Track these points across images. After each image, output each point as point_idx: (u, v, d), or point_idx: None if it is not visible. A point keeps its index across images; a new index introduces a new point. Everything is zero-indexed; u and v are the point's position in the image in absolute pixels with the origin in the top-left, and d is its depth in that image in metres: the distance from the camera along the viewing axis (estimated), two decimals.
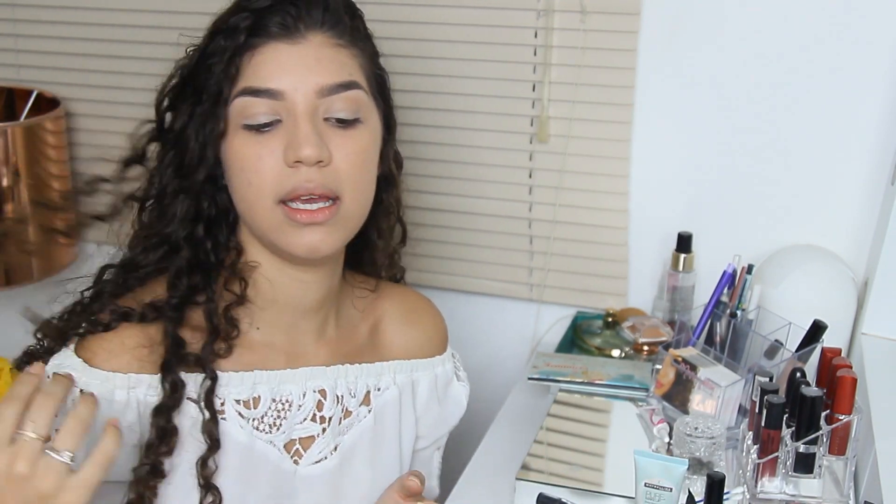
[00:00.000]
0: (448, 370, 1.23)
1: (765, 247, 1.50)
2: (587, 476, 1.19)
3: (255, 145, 0.97)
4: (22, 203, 1.64)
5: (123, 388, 0.97)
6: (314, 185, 0.97)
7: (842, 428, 1.10)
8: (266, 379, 1.05)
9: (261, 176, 0.97)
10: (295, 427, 1.07)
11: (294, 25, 0.97)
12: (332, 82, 0.98)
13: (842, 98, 1.42)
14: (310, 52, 0.98)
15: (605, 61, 1.50)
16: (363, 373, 1.13)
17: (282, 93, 0.97)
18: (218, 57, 0.98)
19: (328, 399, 1.09)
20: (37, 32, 1.79)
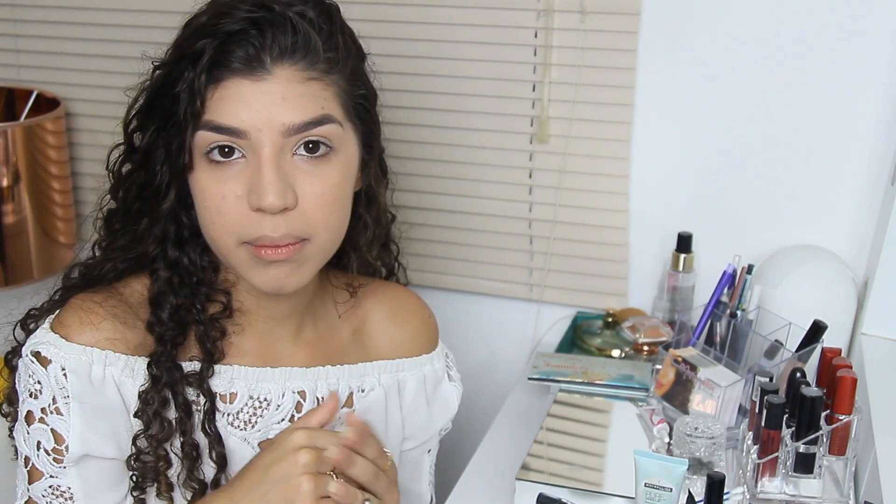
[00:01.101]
0: (438, 369, 1.18)
1: (765, 247, 1.50)
2: (587, 476, 1.19)
3: (217, 183, 0.93)
4: (22, 203, 1.64)
5: (100, 364, 0.96)
6: (279, 234, 0.93)
7: (842, 428, 1.10)
8: (244, 375, 1.04)
9: (224, 217, 0.93)
10: (272, 426, 1.05)
11: (258, 58, 0.91)
12: (300, 121, 0.92)
13: (842, 98, 1.42)
14: (275, 90, 0.91)
15: (605, 61, 1.50)
16: (345, 374, 1.09)
17: (245, 132, 0.91)
18: (182, 84, 0.92)
19: (307, 401, 1.06)
20: (37, 32, 1.79)
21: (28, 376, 0.96)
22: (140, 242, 1.01)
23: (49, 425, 0.95)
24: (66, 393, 0.95)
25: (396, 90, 1.59)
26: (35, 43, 1.80)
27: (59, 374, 0.95)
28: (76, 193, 1.81)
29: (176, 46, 0.96)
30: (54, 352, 0.95)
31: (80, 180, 1.82)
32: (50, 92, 1.77)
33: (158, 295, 1.00)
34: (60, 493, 0.97)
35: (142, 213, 1.00)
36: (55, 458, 0.96)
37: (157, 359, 0.98)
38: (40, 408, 0.96)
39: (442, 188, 1.64)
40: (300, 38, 0.93)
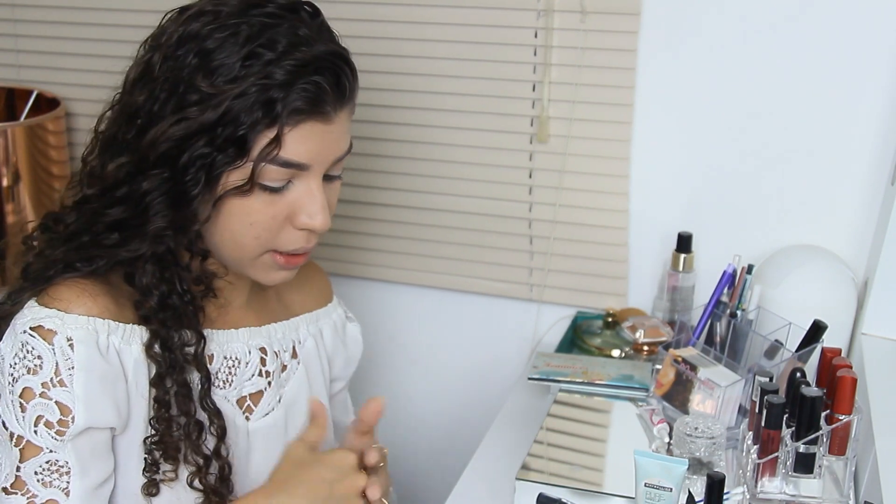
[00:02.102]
0: (340, 314, 1.31)
1: (765, 247, 1.50)
2: (587, 476, 1.19)
3: (269, 205, 1.01)
4: (22, 203, 1.64)
5: (104, 333, 1.00)
6: (312, 245, 1.06)
7: (842, 428, 1.10)
8: (216, 338, 1.11)
9: (269, 234, 1.03)
10: (244, 383, 1.13)
11: (331, 103, 1.00)
12: (343, 153, 1.05)
13: (842, 98, 1.42)
14: (337, 129, 1.03)
15: (605, 61, 1.50)
16: (287, 329, 1.21)
17: (309, 166, 1.01)
18: (250, 123, 0.96)
19: (268, 355, 1.16)
20: (37, 32, 1.79)
21: (25, 353, 0.97)
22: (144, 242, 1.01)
23: (52, 399, 0.96)
24: (72, 364, 0.96)
25: (395, 90, 1.59)
26: (35, 43, 1.80)
27: (64, 345, 0.96)
28: None
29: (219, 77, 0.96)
30: (58, 323, 0.97)
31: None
32: (50, 92, 1.77)
33: (147, 287, 1.02)
34: (58, 467, 0.97)
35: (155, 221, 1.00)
36: (58, 432, 0.96)
37: (164, 344, 1.02)
38: (41, 382, 0.96)
39: (442, 188, 1.64)
40: (355, 79, 1.04)
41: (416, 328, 1.77)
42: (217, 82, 0.97)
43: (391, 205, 1.68)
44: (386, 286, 1.75)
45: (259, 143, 0.98)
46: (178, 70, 0.98)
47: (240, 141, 0.97)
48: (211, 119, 0.97)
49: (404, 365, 1.80)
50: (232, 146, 0.97)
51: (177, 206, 1.00)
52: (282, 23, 0.99)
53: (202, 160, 0.98)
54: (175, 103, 0.98)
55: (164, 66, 0.99)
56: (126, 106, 1.03)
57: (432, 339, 1.77)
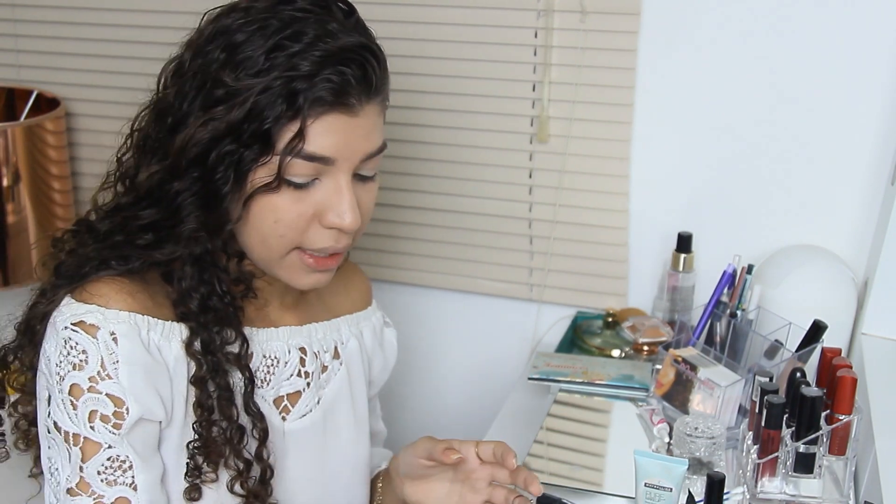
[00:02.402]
0: (379, 318, 1.29)
1: (765, 247, 1.50)
2: (587, 476, 1.19)
3: (295, 202, 0.99)
4: (22, 203, 1.64)
5: (144, 329, 0.98)
6: (342, 245, 1.03)
7: (842, 428, 1.10)
8: (255, 336, 1.09)
9: (295, 231, 1.00)
10: (283, 383, 1.11)
11: (356, 95, 0.97)
12: (375, 150, 1.02)
13: (842, 98, 1.42)
14: (365, 124, 1.00)
15: (605, 61, 1.50)
16: (329, 329, 1.18)
17: (334, 160, 0.98)
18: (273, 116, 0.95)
19: (308, 355, 1.14)
20: (37, 32, 1.79)
21: (69, 349, 0.95)
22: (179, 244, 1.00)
23: (102, 392, 0.95)
24: (116, 358, 0.95)
25: (396, 90, 1.59)
26: (35, 43, 1.80)
27: (108, 339, 0.95)
28: (76, 193, 1.81)
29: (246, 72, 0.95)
30: (100, 318, 0.96)
31: (80, 180, 1.82)
32: (50, 92, 1.77)
33: (187, 289, 1.01)
34: (120, 462, 0.96)
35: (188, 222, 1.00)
36: (115, 425, 0.95)
37: (206, 346, 1.01)
38: (88, 377, 0.95)
39: (442, 188, 1.64)
40: (384, 72, 1.01)
41: (416, 328, 1.77)
42: (241, 76, 0.95)
43: (391, 205, 1.68)
44: (386, 286, 1.75)
45: (284, 136, 0.96)
46: (207, 66, 0.98)
47: (265, 136, 0.96)
48: (238, 117, 0.96)
49: (404, 365, 1.80)
50: (257, 142, 0.96)
51: (208, 207, 0.99)
52: (310, 17, 0.97)
53: (230, 157, 0.97)
54: (202, 100, 0.97)
55: (194, 63, 0.99)
56: (158, 104, 1.03)
57: (432, 339, 1.77)
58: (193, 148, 0.97)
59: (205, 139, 0.97)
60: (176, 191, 1.00)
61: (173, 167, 0.99)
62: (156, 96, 1.03)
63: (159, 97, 1.03)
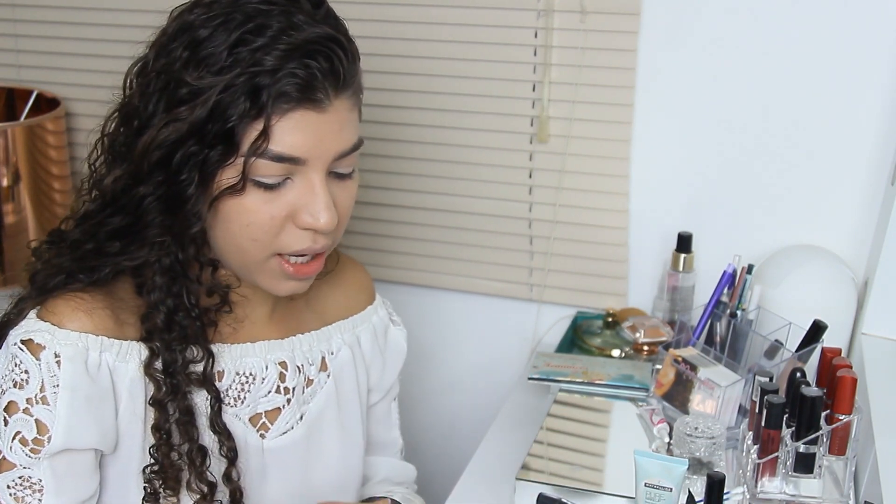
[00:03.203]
0: (382, 317, 1.24)
1: (765, 247, 1.50)
2: (587, 476, 1.19)
3: (266, 203, 0.95)
4: (22, 203, 1.64)
5: (96, 350, 0.96)
6: (320, 246, 0.99)
7: (842, 428, 1.10)
8: (227, 351, 1.06)
9: (268, 235, 0.96)
10: (259, 400, 1.08)
11: (323, 89, 0.93)
12: (348, 147, 0.98)
13: (842, 98, 1.42)
14: (335, 119, 0.95)
15: (605, 61, 1.50)
16: (315, 340, 1.14)
17: (304, 160, 0.95)
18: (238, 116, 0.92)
19: (289, 370, 1.10)
20: (37, 32, 1.79)
21: (14, 366, 0.95)
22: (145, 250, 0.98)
23: (33, 416, 0.94)
24: (57, 382, 0.94)
25: (395, 90, 1.59)
26: (35, 43, 1.80)
27: (51, 361, 0.94)
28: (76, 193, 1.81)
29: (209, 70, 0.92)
30: (48, 338, 0.94)
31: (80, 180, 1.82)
32: (50, 92, 1.77)
33: (153, 303, 0.99)
34: (30, 484, 0.96)
35: (153, 227, 0.98)
36: (32, 450, 0.95)
37: (166, 367, 0.98)
38: (25, 398, 0.94)
39: (442, 188, 1.64)
40: (352, 65, 0.97)
41: (415, 328, 1.77)
42: (204, 74, 0.92)
43: (391, 205, 1.68)
44: (386, 286, 1.75)
45: (248, 136, 0.92)
46: (170, 65, 0.95)
47: (229, 135, 0.92)
48: (200, 117, 0.92)
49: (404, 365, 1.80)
50: (222, 142, 0.92)
51: (173, 211, 0.96)
52: (275, 9, 0.93)
53: (194, 159, 0.93)
54: (166, 101, 0.94)
55: (157, 63, 0.96)
56: (124, 107, 1.00)
57: (432, 339, 1.77)
58: (156, 150, 0.94)
59: (168, 141, 0.94)
60: (141, 195, 0.97)
61: (137, 171, 0.96)
62: (123, 99, 1.01)
63: (125, 100, 1.00)
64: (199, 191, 0.94)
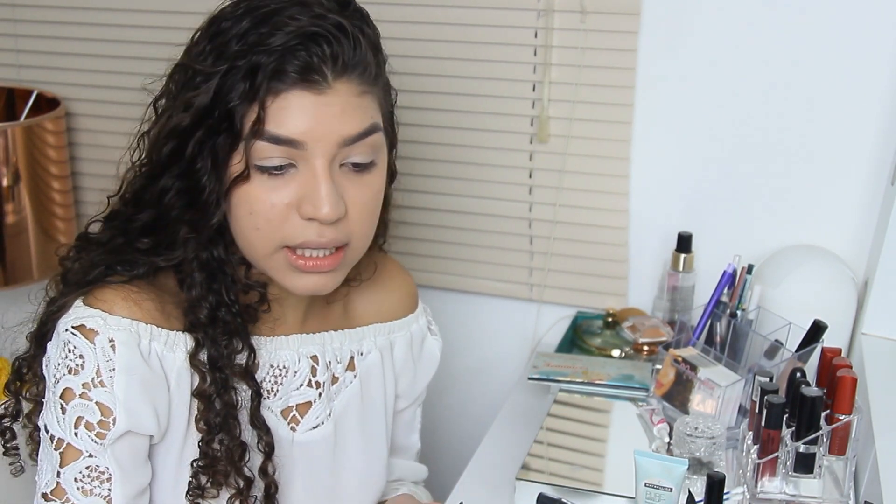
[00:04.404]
0: (422, 326, 1.23)
1: (765, 247, 1.50)
2: (587, 476, 1.19)
3: (268, 191, 0.94)
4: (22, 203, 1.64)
5: (146, 338, 0.97)
6: (326, 239, 0.96)
7: (842, 428, 1.10)
8: (263, 344, 1.06)
9: (271, 224, 0.95)
10: (292, 393, 1.08)
11: (321, 71, 0.92)
12: (355, 132, 0.95)
13: (842, 98, 1.42)
14: (336, 103, 0.93)
15: (605, 61, 1.50)
16: (346, 338, 1.14)
17: (303, 143, 0.93)
18: (239, 97, 0.92)
19: (320, 364, 1.10)
20: (37, 32, 1.79)
21: (67, 352, 0.94)
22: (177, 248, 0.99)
23: (93, 399, 0.94)
24: (112, 366, 0.94)
25: (395, 90, 1.59)
26: (35, 43, 1.80)
27: (106, 346, 0.94)
28: (76, 193, 1.81)
29: (219, 56, 0.93)
30: (101, 323, 0.94)
31: (80, 180, 1.82)
32: (50, 92, 1.77)
33: (196, 298, 0.99)
34: (98, 473, 0.95)
35: (179, 221, 0.98)
36: (98, 434, 0.94)
37: (212, 361, 0.99)
38: (82, 383, 0.94)
39: (442, 188, 1.64)
40: (359, 52, 0.95)
41: None
42: (213, 61, 0.93)
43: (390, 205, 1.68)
44: None
45: (248, 118, 0.92)
46: (192, 58, 0.96)
47: (230, 119, 0.92)
48: (204, 102, 0.92)
49: None
50: (226, 127, 0.92)
51: (193, 203, 0.96)
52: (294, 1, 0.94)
53: (205, 147, 0.94)
54: (183, 92, 0.95)
55: (184, 57, 0.98)
56: (156, 104, 1.01)
57: None
58: (168, 141, 0.95)
59: (178, 129, 0.94)
60: (161, 189, 0.97)
61: (155, 164, 0.97)
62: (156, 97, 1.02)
63: (157, 97, 1.01)
64: (214, 180, 0.95)
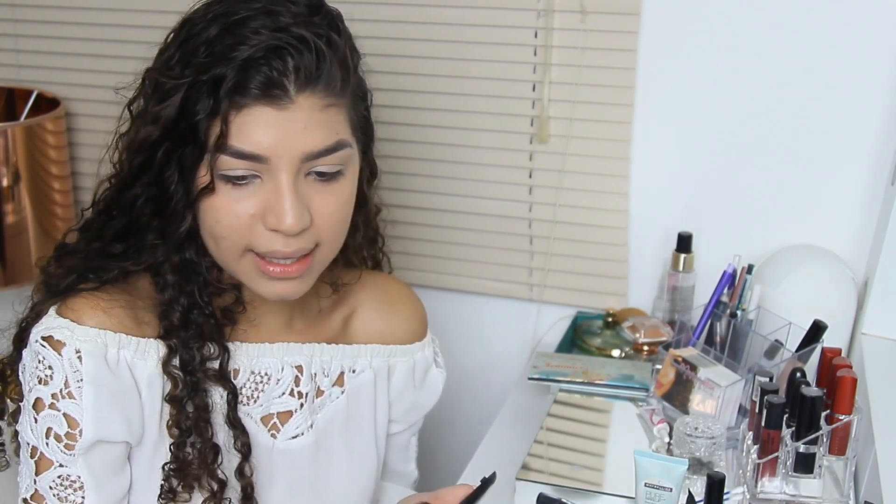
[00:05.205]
0: (427, 356, 1.22)
1: (765, 247, 1.50)
2: (587, 476, 1.19)
3: (232, 201, 0.94)
4: (22, 203, 1.64)
5: (114, 347, 0.97)
6: (292, 249, 0.95)
7: (842, 428, 1.10)
8: (244, 350, 1.06)
9: (236, 233, 0.95)
10: (273, 401, 1.08)
11: (283, 86, 0.91)
12: (319, 148, 0.94)
13: (842, 98, 1.42)
14: (298, 118, 0.92)
15: (605, 61, 1.50)
16: (338, 353, 1.13)
17: (266, 158, 0.92)
18: (203, 111, 0.91)
19: (304, 375, 1.09)
20: (37, 32, 1.79)
21: (37, 363, 0.95)
22: (146, 253, 1.00)
23: (61, 410, 0.95)
24: (80, 376, 0.95)
25: (396, 90, 1.59)
26: (35, 43, 1.80)
27: (73, 357, 0.94)
28: (76, 193, 1.81)
29: (186, 65, 0.93)
30: (67, 335, 0.95)
31: (80, 180, 1.82)
32: (50, 92, 1.77)
33: (168, 301, 1.00)
34: (70, 482, 0.96)
35: (149, 229, 0.99)
36: (66, 445, 0.95)
37: (184, 365, 0.99)
38: (51, 393, 0.95)
39: (442, 188, 1.64)
40: (323, 65, 0.93)
41: None
42: (179, 72, 0.92)
43: (391, 205, 1.67)
44: None
45: (213, 132, 0.91)
46: (160, 65, 0.96)
47: (196, 132, 0.92)
48: (171, 115, 0.92)
49: None
50: (193, 139, 0.92)
51: (162, 211, 0.97)
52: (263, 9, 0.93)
53: (173, 157, 0.94)
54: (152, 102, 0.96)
55: (155, 62, 0.98)
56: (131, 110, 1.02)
57: None
58: (138, 152, 0.96)
59: (147, 141, 0.94)
60: (132, 196, 0.98)
61: (126, 174, 0.98)
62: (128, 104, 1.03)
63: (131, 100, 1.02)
64: (182, 190, 0.95)
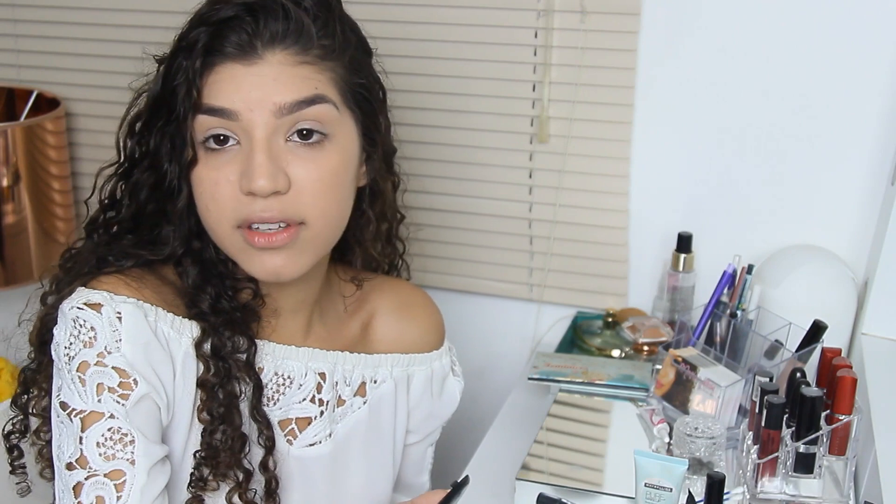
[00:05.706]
0: (445, 365, 1.22)
1: (765, 247, 1.50)
2: (587, 476, 1.19)
3: (213, 170, 0.95)
4: (22, 203, 1.64)
5: (152, 316, 0.96)
6: (269, 214, 0.94)
7: (842, 428, 1.10)
8: (271, 350, 1.05)
9: (218, 203, 0.95)
10: (293, 405, 1.07)
11: (250, 44, 0.93)
12: (291, 100, 0.94)
13: (842, 98, 1.42)
14: (267, 72, 0.93)
15: (606, 61, 1.50)
16: (360, 363, 1.12)
17: (236, 113, 0.93)
18: (181, 76, 0.94)
19: (327, 383, 1.09)
20: (37, 32, 1.79)
21: (78, 327, 0.93)
22: (164, 244, 1.00)
23: (108, 365, 0.92)
24: (119, 336, 0.93)
25: (396, 90, 1.58)
26: (35, 43, 1.80)
27: (112, 317, 0.94)
28: (76, 193, 1.81)
29: (175, 40, 0.98)
30: (107, 298, 0.94)
31: (80, 180, 1.82)
32: (50, 92, 1.77)
33: (195, 288, 1.00)
34: (121, 436, 0.92)
35: (157, 215, 1.00)
36: (121, 395, 0.92)
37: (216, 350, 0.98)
38: (96, 353, 0.93)
39: (442, 188, 1.64)
40: (292, 24, 0.95)
41: None
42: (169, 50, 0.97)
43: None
44: None
45: (190, 96, 0.94)
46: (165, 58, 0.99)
47: (175, 98, 0.94)
48: (157, 89, 0.96)
49: None
50: (174, 109, 0.95)
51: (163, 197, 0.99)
52: None
53: (164, 134, 0.96)
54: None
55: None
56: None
57: None
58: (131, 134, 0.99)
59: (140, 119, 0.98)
60: (134, 185, 1.00)
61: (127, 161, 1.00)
62: None
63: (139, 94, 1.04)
64: (175, 166, 0.97)
